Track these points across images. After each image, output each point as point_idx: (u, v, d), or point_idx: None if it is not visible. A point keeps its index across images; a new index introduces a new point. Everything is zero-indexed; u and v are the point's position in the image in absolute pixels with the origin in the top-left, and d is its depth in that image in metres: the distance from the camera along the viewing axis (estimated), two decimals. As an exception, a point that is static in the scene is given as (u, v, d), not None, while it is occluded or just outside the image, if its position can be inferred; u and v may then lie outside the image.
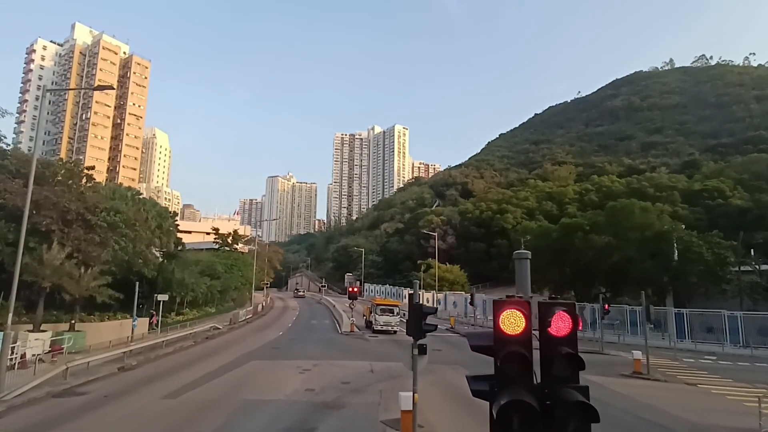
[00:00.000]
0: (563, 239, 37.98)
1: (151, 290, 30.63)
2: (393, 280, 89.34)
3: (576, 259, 38.77)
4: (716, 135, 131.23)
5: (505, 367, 3.24)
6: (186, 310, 39.93)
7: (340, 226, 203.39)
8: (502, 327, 3.30)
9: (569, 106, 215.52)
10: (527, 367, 3.25)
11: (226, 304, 50.79)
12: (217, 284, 45.28)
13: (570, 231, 37.93)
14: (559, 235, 38.44)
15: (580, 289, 41.55)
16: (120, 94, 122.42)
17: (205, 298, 43.21)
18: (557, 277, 42.66)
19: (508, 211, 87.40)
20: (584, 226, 37.52)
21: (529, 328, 3.32)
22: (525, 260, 3.91)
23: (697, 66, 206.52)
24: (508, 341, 3.30)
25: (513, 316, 3.31)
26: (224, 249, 62.07)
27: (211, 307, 45.37)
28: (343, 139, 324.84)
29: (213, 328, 33.91)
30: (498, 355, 3.30)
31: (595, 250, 35.54)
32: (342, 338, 31.44)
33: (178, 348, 25.61)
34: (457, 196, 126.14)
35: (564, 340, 3.34)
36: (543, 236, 41.01)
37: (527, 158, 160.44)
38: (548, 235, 39.83)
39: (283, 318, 47.34)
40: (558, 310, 3.34)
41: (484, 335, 3.76)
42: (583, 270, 39.22)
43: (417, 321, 9.58)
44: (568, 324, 3.35)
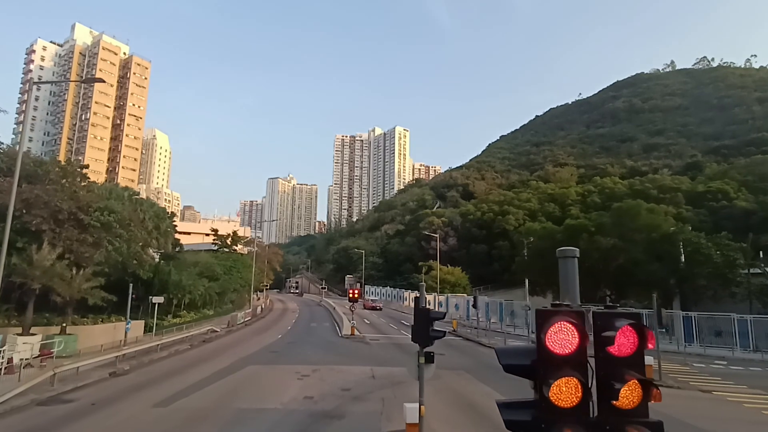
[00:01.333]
0: (568, 241, 37.14)
1: (147, 292, 29.90)
2: (394, 281, 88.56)
3: (580, 260, 37.87)
4: (718, 137, 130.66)
5: (555, 396, 2.49)
6: (183, 312, 39.16)
7: (340, 227, 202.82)
8: (550, 344, 2.56)
9: (570, 108, 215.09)
10: (583, 395, 2.50)
11: (224, 306, 50.03)
12: (216, 286, 44.53)
13: (575, 232, 37.18)
14: (564, 236, 37.68)
15: (585, 292, 40.71)
16: (120, 95, 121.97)
17: (203, 300, 42.45)
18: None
19: (509, 212, 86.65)
20: (589, 228, 36.78)
21: (583, 346, 2.58)
22: (572, 259, 3.17)
23: (698, 68, 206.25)
24: (557, 362, 2.56)
25: (563, 330, 2.57)
26: (223, 250, 61.33)
27: (209, 309, 44.60)
28: (343, 141, 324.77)
29: (210, 330, 33.13)
30: (544, 379, 2.56)
31: (600, 251, 34.78)
32: (342, 342, 30.64)
33: (174, 352, 24.84)
34: (458, 197, 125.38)
35: (628, 360, 2.60)
36: (547, 238, 40.25)
37: (528, 160, 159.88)
38: (552, 236, 39.07)
39: (282, 320, 46.55)
40: (621, 323, 2.60)
41: (520, 352, 3.02)
42: (588, 272, 38.34)
43: (423, 327, 8.82)
44: (633, 340, 2.61)
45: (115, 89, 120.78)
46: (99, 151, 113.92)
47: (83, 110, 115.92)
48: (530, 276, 45.81)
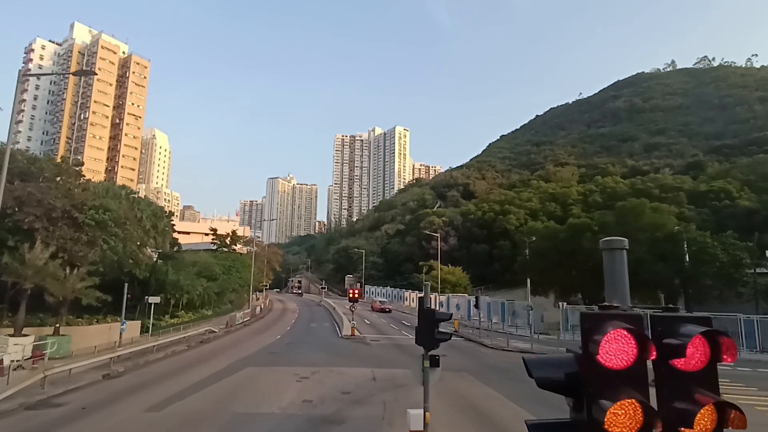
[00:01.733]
0: (571, 240, 36.70)
1: (144, 292, 29.41)
2: (394, 281, 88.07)
3: (584, 260, 37.46)
4: (720, 136, 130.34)
5: (610, 421, 1.97)
6: (181, 312, 38.65)
7: (340, 227, 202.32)
8: (603, 356, 2.04)
9: (571, 108, 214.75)
10: (644, 421, 1.98)
11: (223, 306, 49.55)
12: (214, 286, 44.02)
13: (578, 232, 36.64)
14: (567, 236, 37.15)
15: (588, 292, 40.29)
16: (119, 94, 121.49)
17: (201, 300, 41.95)
18: (564, 279, 41.38)
19: (510, 212, 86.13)
20: (592, 227, 36.23)
21: (644, 358, 2.06)
22: (620, 251, 2.62)
23: (699, 67, 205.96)
24: (610, 378, 2.04)
25: (619, 338, 2.05)
26: (222, 250, 60.83)
27: (207, 309, 44.10)
28: (343, 141, 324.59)
29: (208, 331, 32.63)
30: (595, 399, 2.04)
31: (604, 251, 34.25)
32: (342, 343, 30.13)
33: (170, 353, 24.32)
34: (458, 197, 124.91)
35: (698, 376, 2.09)
36: (549, 237, 39.74)
37: (529, 159, 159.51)
38: (555, 236, 38.54)
39: (281, 321, 46.04)
40: (690, 329, 2.08)
41: (555, 363, 2.49)
42: (591, 272, 37.86)
43: (428, 329, 8.31)
44: (704, 351, 2.10)
45: (114, 88, 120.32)
46: (98, 150, 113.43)
47: (82, 109, 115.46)
48: (532, 276, 45.33)
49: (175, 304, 37.31)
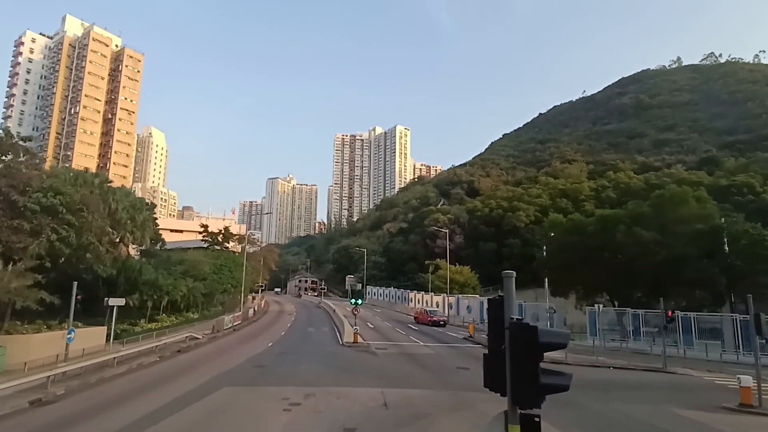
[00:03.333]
0: (601, 234, 32.44)
1: (110, 292, 25.18)
2: (397, 282, 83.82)
3: (614, 257, 33.26)
4: (732, 132, 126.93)
5: None
6: (162, 316, 34.43)
7: (341, 227, 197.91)
8: None
9: (575, 105, 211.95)
10: None
11: (213, 309, 45.32)
12: (201, 286, 39.76)
13: (609, 224, 32.36)
14: (597, 228, 32.84)
15: (617, 292, 36.00)
16: (111, 88, 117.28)
17: (186, 303, 37.73)
18: (589, 278, 37.11)
19: (519, 208, 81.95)
20: (625, 219, 31.94)
21: None
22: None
23: (705, 64, 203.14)
24: None
25: None
26: (213, 248, 56.59)
27: (194, 312, 39.87)
28: (343, 140, 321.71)
29: (190, 338, 28.39)
30: None
31: (640, 246, 30.00)
32: (344, 351, 25.87)
33: (135, 366, 20.10)
34: (462, 194, 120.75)
35: None
36: (574, 231, 35.45)
37: (534, 157, 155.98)
38: (581, 229, 34.25)
39: (276, 325, 41.77)
40: None
41: None
42: (622, 270, 33.66)
43: (523, 365, 4.03)
44: None
45: (106, 82, 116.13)
46: (89, 146, 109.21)
47: (72, 104, 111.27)
48: (552, 275, 41.12)
49: (154, 307, 33.09)
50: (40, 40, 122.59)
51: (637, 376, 21.46)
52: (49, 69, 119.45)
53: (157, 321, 32.45)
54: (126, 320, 28.95)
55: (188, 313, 38.81)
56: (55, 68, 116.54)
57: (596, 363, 23.94)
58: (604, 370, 22.84)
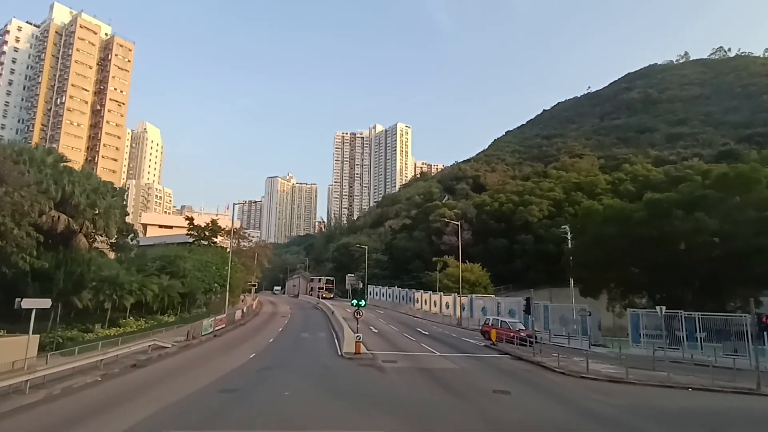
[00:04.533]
0: (651, 221, 27.08)
1: (44, 290, 19.94)
2: (401, 281, 78.51)
3: (664, 249, 27.91)
4: (749, 125, 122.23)
5: None
6: (129, 320, 29.13)
7: (341, 225, 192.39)
8: None
9: (580, 101, 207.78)
10: None
11: (196, 311, 39.99)
12: (179, 285, 34.44)
13: (661, 210, 27.02)
14: (646, 215, 27.44)
15: (665, 292, 30.65)
16: (100, 78, 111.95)
17: (160, 303, 32.44)
18: (629, 275, 31.81)
19: (532, 202, 76.65)
20: (682, 203, 26.56)
21: None
22: None
23: (714, 58, 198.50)
24: None
25: None
26: (200, 243, 51.29)
27: (171, 314, 34.56)
28: (343, 138, 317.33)
29: (154, 347, 23.07)
30: None
31: (701, 235, 24.69)
32: (343, 366, 20.51)
33: (61, 392, 14.75)
34: (468, 190, 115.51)
35: None
36: (614, 220, 30.10)
37: (541, 152, 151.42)
38: (626, 217, 28.89)
39: (265, 329, 36.43)
40: None
41: None
42: (672, 265, 28.30)
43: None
44: None
45: (94, 72, 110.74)
46: (76, 138, 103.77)
47: (59, 94, 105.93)
48: (582, 272, 35.86)
49: (118, 308, 27.82)
50: (26, 28, 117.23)
51: (731, 401, 16.15)
52: (35, 58, 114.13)
53: (120, 326, 27.18)
54: (77, 326, 23.74)
55: (163, 315, 33.51)
56: (41, 57, 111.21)
57: (666, 382, 18.61)
58: (679, 392, 17.55)
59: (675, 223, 25.38)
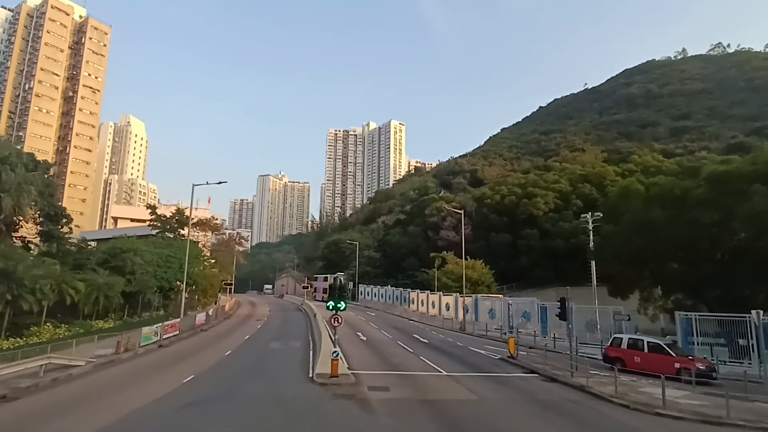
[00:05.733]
0: (716, 202, 21.01)
1: None
2: (395, 280, 72.22)
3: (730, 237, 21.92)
4: (757, 118, 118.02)
5: None
6: (45, 326, 22.58)
7: (332, 222, 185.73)
8: None
9: (578, 97, 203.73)
10: None
11: (148, 314, 33.36)
12: (120, 283, 27.93)
13: (730, 187, 20.91)
14: (708, 193, 21.32)
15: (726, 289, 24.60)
16: (73, 63, 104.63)
17: (93, 306, 25.93)
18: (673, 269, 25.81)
19: (536, 195, 70.67)
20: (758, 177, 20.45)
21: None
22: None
23: (714, 54, 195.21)
24: None
25: None
26: (164, 236, 44.68)
27: (109, 319, 27.98)
28: (336, 135, 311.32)
29: (50, 367, 16.59)
30: None
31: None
32: (310, 399, 13.92)
33: None
34: (465, 184, 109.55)
35: None
36: (664, 202, 23.99)
37: (539, 147, 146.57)
38: (679, 199, 22.77)
39: (229, 337, 29.92)
40: None
41: None
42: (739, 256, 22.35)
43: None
44: None
45: (66, 56, 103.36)
46: (45, 126, 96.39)
47: (27, 79, 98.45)
48: (613, 267, 29.83)
49: (26, 312, 21.32)
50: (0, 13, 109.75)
51: None
52: (6, 43, 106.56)
53: (25, 336, 20.69)
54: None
55: (100, 320, 26.95)
56: (12, 41, 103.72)
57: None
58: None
59: (755, 201, 19.29)
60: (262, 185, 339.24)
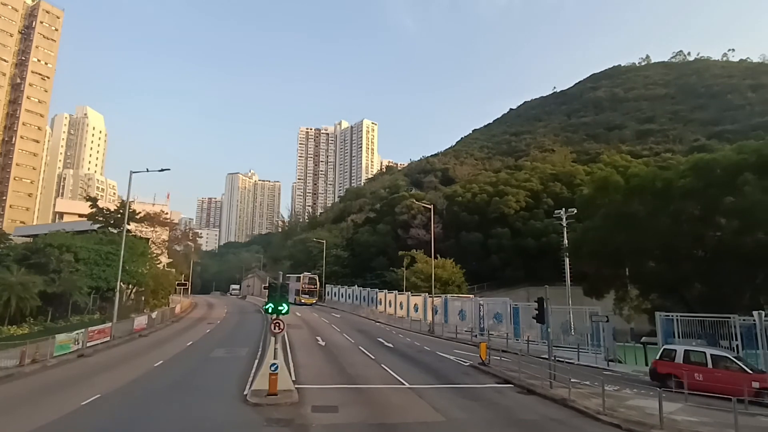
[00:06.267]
0: (701, 194, 19.40)
1: None
2: (363, 279, 69.62)
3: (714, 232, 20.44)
4: (717, 122, 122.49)
5: None
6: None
7: (303, 221, 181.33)
8: None
9: (547, 100, 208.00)
10: None
11: (78, 318, 29.50)
12: (39, 282, 24.21)
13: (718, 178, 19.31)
14: (691, 185, 19.67)
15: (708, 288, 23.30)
16: (22, 49, 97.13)
17: (4, 309, 22.21)
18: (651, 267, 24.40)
19: (507, 193, 69.58)
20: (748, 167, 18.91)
21: None
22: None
23: (675, 61, 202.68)
24: None
25: None
26: (107, 231, 40.55)
27: (25, 325, 24.16)
28: (308, 134, 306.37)
29: None
30: None
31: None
32: (237, 426, 11.31)
33: None
34: (437, 183, 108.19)
35: None
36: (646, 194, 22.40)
37: (510, 147, 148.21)
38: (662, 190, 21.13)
39: (169, 343, 26.43)
40: None
41: None
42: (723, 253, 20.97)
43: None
44: None
45: (16, 41, 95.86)
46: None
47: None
48: (590, 265, 28.27)
49: None
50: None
51: None
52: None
53: None
54: None
55: (15, 326, 23.16)
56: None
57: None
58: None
59: (745, 192, 17.71)
60: (231, 183, 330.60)
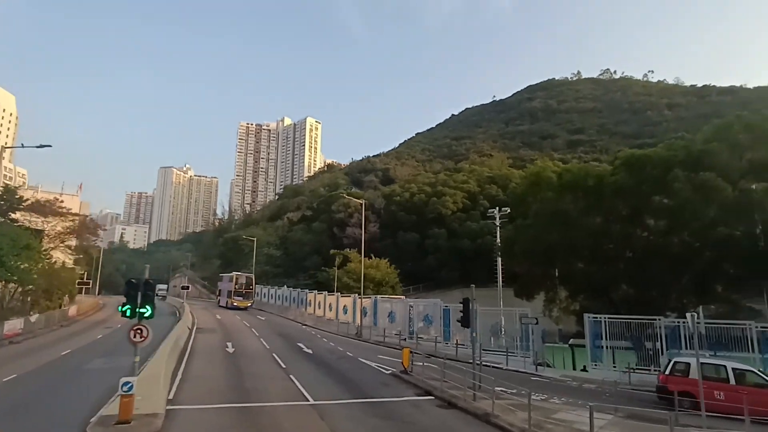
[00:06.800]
0: (632, 192, 18.78)
1: None
2: (296, 280, 66.22)
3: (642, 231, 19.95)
4: (638, 136, 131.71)
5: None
6: None
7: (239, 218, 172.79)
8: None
9: (487, 108, 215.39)
10: None
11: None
12: None
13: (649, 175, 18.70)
14: (623, 182, 19.03)
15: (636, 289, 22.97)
16: None
17: None
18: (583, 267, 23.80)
19: (445, 194, 69.27)
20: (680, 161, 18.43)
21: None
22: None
23: (603, 78, 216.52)
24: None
25: None
26: (-16, 220, 34.44)
27: None
28: (248, 129, 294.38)
29: None
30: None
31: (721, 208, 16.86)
32: None
33: None
34: (377, 183, 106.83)
35: None
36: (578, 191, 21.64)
37: (451, 151, 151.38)
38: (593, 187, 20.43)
39: (41, 352, 21.78)
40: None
41: None
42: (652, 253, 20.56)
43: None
44: None
45: None
46: None
47: None
48: (523, 265, 27.43)
49: None
50: None
51: None
52: None
53: None
54: None
55: None
56: None
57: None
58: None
59: (675, 189, 17.15)
60: (165, 178, 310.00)
